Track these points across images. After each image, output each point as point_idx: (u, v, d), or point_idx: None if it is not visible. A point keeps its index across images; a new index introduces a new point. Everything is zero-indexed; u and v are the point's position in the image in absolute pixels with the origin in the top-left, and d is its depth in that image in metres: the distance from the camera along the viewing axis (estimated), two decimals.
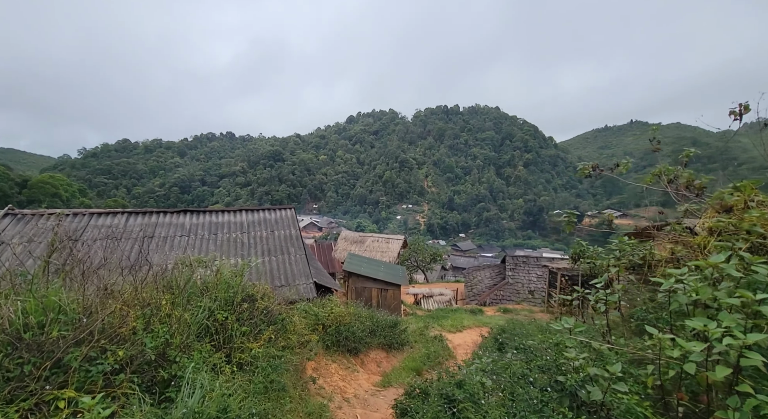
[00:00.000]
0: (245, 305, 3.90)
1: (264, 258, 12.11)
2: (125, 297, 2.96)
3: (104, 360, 2.34)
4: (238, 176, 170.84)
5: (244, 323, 3.76)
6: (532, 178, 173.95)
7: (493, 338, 6.89)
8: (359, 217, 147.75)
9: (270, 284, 11.53)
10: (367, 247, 23.29)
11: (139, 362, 2.56)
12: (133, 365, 2.51)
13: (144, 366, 2.64)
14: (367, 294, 14.97)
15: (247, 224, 13.33)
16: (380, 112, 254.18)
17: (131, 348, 2.58)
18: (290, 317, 4.31)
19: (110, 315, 2.66)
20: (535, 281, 27.41)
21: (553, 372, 2.13)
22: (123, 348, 2.49)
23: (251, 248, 12.43)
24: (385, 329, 7.36)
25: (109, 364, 2.33)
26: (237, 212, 13.81)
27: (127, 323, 2.75)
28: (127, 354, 2.48)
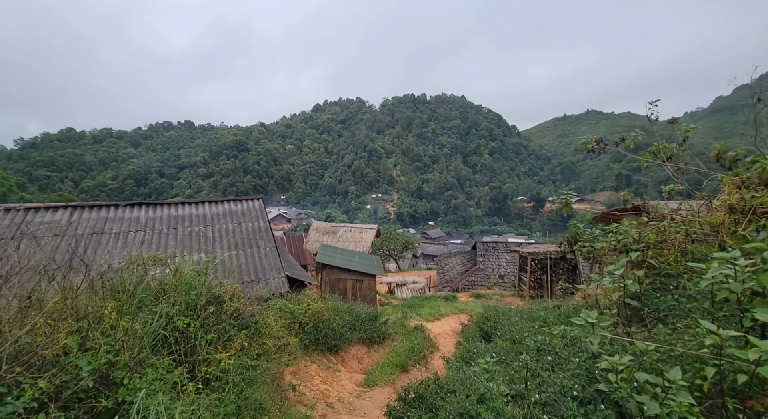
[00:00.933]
0: (211, 308, 3.35)
1: (231, 253, 11.34)
2: (52, 308, 2.34)
3: (17, 397, 1.76)
4: (199, 167, 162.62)
5: (211, 329, 3.22)
6: (497, 166, 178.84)
7: (477, 327, 6.72)
8: (329, 207, 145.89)
9: (239, 280, 10.80)
10: (339, 237, 22.72)
11: (71, 392, 2.00)
12: (63, 397, 1.94)
13: (79, 395, 2.08)
14: (341, 286, 14.52)
15: (210, 217, 12.42)
16: (347, 100, 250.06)
17: (60, 375, 2.01)
18: (264, 318, 3.80)
19: (29, 333, 2.06)
20: (504, 266, 28.11)
21: (582, 376, 1.84)
22: (47, 377, 1.91)
23: (216, 242, 11.60)
24: (365, 323, 6.99)
25: (24, 402, 1.76)
26: (199, 204, 12.82)
27: (54, 341, 2.16)
28: (53, 383, 1.91)
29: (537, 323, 5.73)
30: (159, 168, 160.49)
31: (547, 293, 19.66)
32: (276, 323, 3.99)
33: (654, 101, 3.55)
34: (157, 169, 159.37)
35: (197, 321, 3.21)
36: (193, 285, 3.48)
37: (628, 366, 1.62)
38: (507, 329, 5.64)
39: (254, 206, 13.41)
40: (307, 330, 5.49)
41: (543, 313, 6.94)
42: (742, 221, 2.44)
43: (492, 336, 5.95)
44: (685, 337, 1.85)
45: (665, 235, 2.79)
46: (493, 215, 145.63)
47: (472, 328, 7.10)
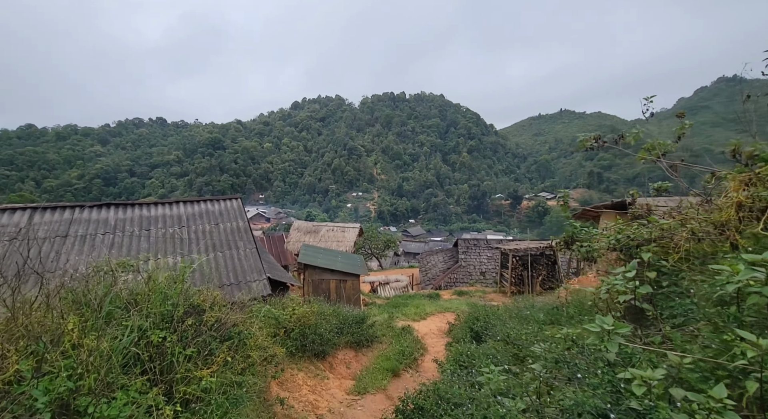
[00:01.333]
0: (190, 319, 3.04)
1: (209, 255, 10.86)
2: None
3: None
4: (172, 166, 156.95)
5: (190, 343, 2.91)
6: (476, 164, 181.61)
7: (467, 327, 6.62)
8: (309, 206, 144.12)
9: (217, 284, 10.34)
10: (322, 237, 22.31)
11: None
12: None
13: None
14: (324, 287, 14.20)
15: (186, 218, 11.86)
16: (326, 98, 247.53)
17: (10, 409, 1.70)
18: (249, 328, 3.52)
19: None
20: (485, 263, 28.43)
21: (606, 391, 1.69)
22: None
23: (192, 244, 11.08)
24: (352, 325, 6.76)
25: None
26: (173, 204, 12.22)
27: (2, 368, 1.84)
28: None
29: (529, 322, 5.68)
30: (129, 167, 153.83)
31: (528, 290, 19.99)
32: (261, 332, 3.71)
33: (649, 97, 3.50)
34: (127, 168, 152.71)
35: (174, 335, 2.91)
36: (168, 294, 3.16)
37: (658, 383, 1.49)
38: (499, 329, 5.55)
39: (232, 206, 12.93)
40: (293, 336, 5.21)
41: (530, 312, 6.92)
42: (750, 219, 2.38)
43: (483, 336, 5.85)
44: (710, 345, 1.75)
45: (670, 234, 2.71)
46: (472, 212, 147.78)
47: (462, 328, 7.00)
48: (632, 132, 3.40)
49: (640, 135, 3.39)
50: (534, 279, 20.12)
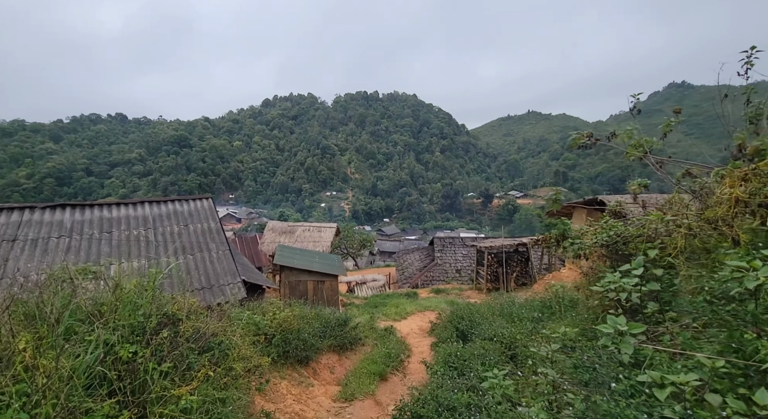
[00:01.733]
0: (164, 331, 2.74)
1: (178, 258, 10.26)
2: None
3: None
4: (134, 165, 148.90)
5: (165, 358, 2.61)
6: (448, 163, 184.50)
7: (453, 326, 6.56)
8: (282, 206, 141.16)
9: (188, 288, 9.78)
10: (297, 237, 21.76)
11: None
12: None
13: None
14: (302, 288, 13.81)
15: (152, 219, 11.17)
16: (298, 96, 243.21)
17: None
18: (230, 337, 3.24)
19: None
20: (461, 261, 28.84)
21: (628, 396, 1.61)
22: None
23: (160, 247, 10.45)
24: (335, 328, 6.54)
25: None
26: (138, 204, 11.48)
27: None
28: None
29: (515, 320, 5.68)
30: (86, 165, 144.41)
31: (503, 286, 20.42)
32: (243, 341, 3.44)
33: (637, 94, 3.53)
34: (83, 166, 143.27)
35: (147, 349, 2.60)
36: (139, 304, 2.83)
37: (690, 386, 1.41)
38: (486, 328, 5.51)
39: (203, 206, 12.32)
40: (275, 343, 4.93)
41: (515, 309, 6.97)
42: (745, 214, 2.40)
43: (469, 335, 5.80)
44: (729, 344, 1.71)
45: (666, 230, 2.71)
46: (445, 211, 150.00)
47: (446, 327, 6.94)
48: (626, 130, 3.42)
49: (634, 132, 3.41)
50: (509, 276, 20.57)
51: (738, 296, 1.74)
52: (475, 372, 3.66)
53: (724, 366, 1.45)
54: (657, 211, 3.21)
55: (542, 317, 6.06)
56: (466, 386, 3.27)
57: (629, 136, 3.36)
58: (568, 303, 6.45)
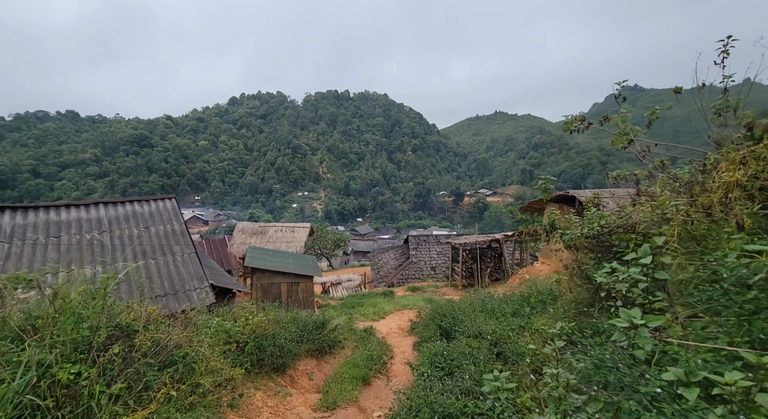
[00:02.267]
0: (116, 346, 2.33)
1: (138, 263, 9.52)
2: None
3: None
4: (89, 166, 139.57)
5: (117, 378, 2.22)
6: (420, 162, 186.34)
7: (435, 325, 6.37)
8: (252, 207, 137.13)
9: (149, 295, 9.07)
10: (269, 238, 20.95)
11: None
12: None
13: None
14: (275, 291, 13.26)
15: (108, 221, 10.34)
16: (267, 94, 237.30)
17: None
18: (197, 348, 2.85)
19: None
20: (435, 258, 29.01)
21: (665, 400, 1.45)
22: None
23: (117, 251, 9.66)
24: (313, 332, 6.18)
25: None
26: (91, 206, 10.60)
27: None
28: None
29: (497, 316, 5.57)
30: (33, 167, 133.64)
31: (478, 282, 20.68)
32: (212, 351, 3.06)
33: (621, 82, 3.47)
34: (30, 167, 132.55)
35: (94, 368, 2.19)
36: (84, 315, 2.41)
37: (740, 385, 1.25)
38: (470, 325, 5.37)
39: (166, 207, 11.56)
40: (248, 351, 4.53)
41: (496, 305, 6.90)
42: (742, 199, 2.34)
43: (453, 333, 5.64)
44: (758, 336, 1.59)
45: (661, 218, 2.63)
46: (418, 209, 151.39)
47: (427, 325, 6.75)
48: (621, 113, 3.35)
49: (629, 115, 3.34)
50: (483, 272, 20.86)
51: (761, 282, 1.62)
52: (467, 373, 3.47)
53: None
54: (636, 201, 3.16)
55: (523, 311, 6.00)
56: (459, 388, 3.07)
57: (623, 119, 3.28)
58: (548, 297, 6.45)
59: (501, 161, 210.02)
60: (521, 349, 3.52)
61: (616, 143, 3.36)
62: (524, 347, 3.51)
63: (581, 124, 3.50)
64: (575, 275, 4.68)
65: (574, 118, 3.51)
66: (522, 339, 3.85)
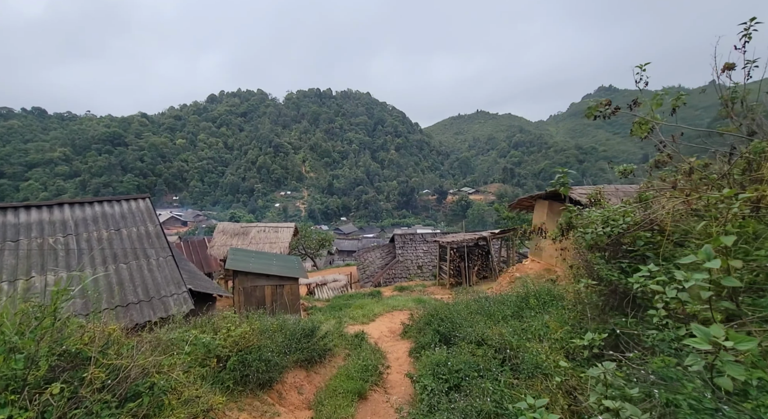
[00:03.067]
0: (64, 377, 1.85)
1: (108, 268, 8.81)
2: None
3: None
4: (58, 165, 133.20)
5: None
6: (403, 161, 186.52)
7: (433, 329, 6.00)
8: (233, 207, 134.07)
9: (120, 303, 8.41)
10: (252, 239, 20.17)
11: None
12: None
13: None
14: (259, 294, 12.64)
15: (74, 223, 9.58)
16: (247, 92, 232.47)
17: None
18: (168, 372, 2.38)
19: None
20: (422, 257, 28.81)
21: None
22: None
23: (84, 256, 8.94)
24: (302, 340, 5.72)
25: None
26: (56, 206, 9.81)
27: None
28: None
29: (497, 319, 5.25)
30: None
31: (465, 280, 20.53)
32: (188, 375, 2.59)
33: (642, 65, 3.18)
34: None
35: (31, 410, 1.71)
36: (18, 344, 1.90)
37: None
38: (473, 330, 5.02)
39: (139, 207, 10.84)
40: (230, 367, 4.05)
41: (495, 306, 6.60)
42: None
43: (452, 338, 5.29)
44: None
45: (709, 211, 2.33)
46: (402, 208, 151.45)
47: (426, 331, 6.38)
48: (656, 95, 3.05)
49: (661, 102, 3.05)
50: (471, 270, 20.73)
51: None
52: (477, 388, 3.10)
53: None
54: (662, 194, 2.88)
55: (524, 314, 5.72)
56: (476, 410, 2.69)
57: (659, 103, 2.99)
58: (547, 297, 6.19)
59: (483, 160, 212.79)
60: (535, 359, 3.19)
61: (635, 132, 3.07)
62: (538, 357, 3.18)
63: (607, 108, 3.19)
64: (583, 276, 4.40)
65: (599, 102, 3.21)
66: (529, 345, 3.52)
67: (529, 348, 3.42)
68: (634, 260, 3.85)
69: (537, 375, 3.01)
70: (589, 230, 3.12)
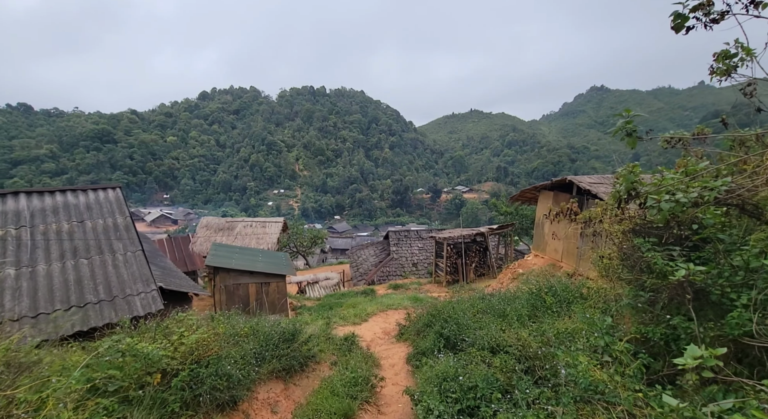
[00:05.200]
0: None
1: (65, 263, 7.83)
2: None
3: None
4: (44, 162, 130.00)
5: None
6: (398, 159, 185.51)
7: (435, 332, 5.10)
8: (224, 205, 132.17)
9: (75, 302, 7.47)
10: (238, 234, 19.07)
11: None
12: None
13: None
14: (242, 293, 11.67)
15: (30, 214, 8.58)
16: (240, 89, 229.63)
17: None
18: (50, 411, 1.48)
19: None
20: (417, 254, 28.00)
21: None
22: None
23: (38, 250, 7.96)
24: (280, 346, 4.82)
25: None
26: (8, 195, 8.88)
27: None
28: None
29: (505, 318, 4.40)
30: None
31: (462, 277, 19.72)
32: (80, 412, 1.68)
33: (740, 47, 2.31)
34: None
35: None
36: None
37: None
38: (480, 332, 4.16)
39: (108, 198, 9.82)
40: (176, 385, 3.14)
41: (503, 305, 5.73)
42: None
43: (459, 342, 4.43)
44: None
45: None
46: (396, 206, 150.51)
47: (427, 333, 5.49)
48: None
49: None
50: (468, 267, 19.91)
51: None
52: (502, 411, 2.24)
53: None
54: None
55: (542, 314, 4.87)
56: None
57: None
58: (568, 294, 5.34)
59: (476, 159, 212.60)
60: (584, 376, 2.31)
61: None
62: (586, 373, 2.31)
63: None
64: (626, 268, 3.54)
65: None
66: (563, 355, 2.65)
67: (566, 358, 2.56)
68: (690, 248, 3.02)
69: (593, 401, 2.14)
70: (668, 196, 2.24)
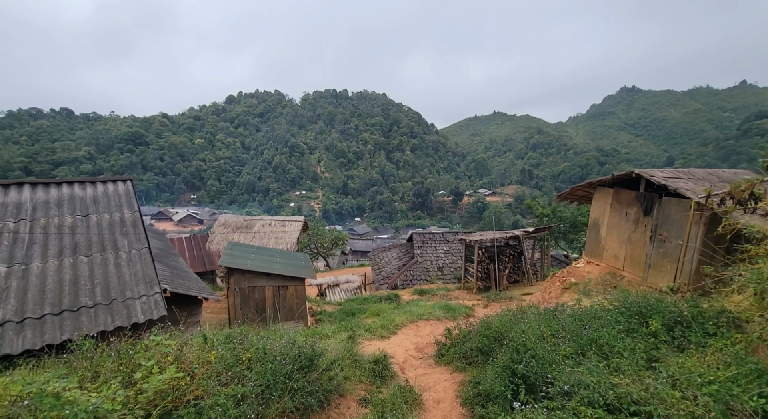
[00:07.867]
0: None
1: (63, 261, 6.96)
2: None
3: None
4: (82, 163, 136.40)
5: None
6: (419, 162, 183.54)
7: (505, 369, 3.76)
8: (248, 206, 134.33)
9: (69, 305, 6.62)
10: (256, 233, 18.27)
11: None
12: None
13: None
14: (258, 296, 10.67)
15: (31, 207, 7.83)
16: (265, 93, 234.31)
17: None
18: None
19: None
20: (443, 258, 26.50)
21: None
22: None
23: (35, 245, 7.14)
24: (293, 377, 3.67)
25: None
26: (12, 187, 8.24)
27: None
28: None
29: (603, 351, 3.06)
30: (25, 164, 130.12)
31: (495, 284, 18.15)
32: None
33: None
34: (21, 165, 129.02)
35: None
36: None
37: None
38: (576, 374, 2.85)
39: (117, 191, 9.01)
40: None
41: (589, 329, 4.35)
42: None
43: (542, 385, 3.14)
44: None
45: None
46: (416, 209, 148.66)
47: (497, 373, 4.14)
48: None
49: None
50: (501, 273, 18.32)
51: None
52: None
53: None
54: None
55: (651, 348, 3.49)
56: None
57: None
58: (682, 318, 3.91)
59: (499, 162, 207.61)
60: None
61: None
62: None
63: None
64: None
65: None
66: None
67: None
68: None
69: None
70: None
